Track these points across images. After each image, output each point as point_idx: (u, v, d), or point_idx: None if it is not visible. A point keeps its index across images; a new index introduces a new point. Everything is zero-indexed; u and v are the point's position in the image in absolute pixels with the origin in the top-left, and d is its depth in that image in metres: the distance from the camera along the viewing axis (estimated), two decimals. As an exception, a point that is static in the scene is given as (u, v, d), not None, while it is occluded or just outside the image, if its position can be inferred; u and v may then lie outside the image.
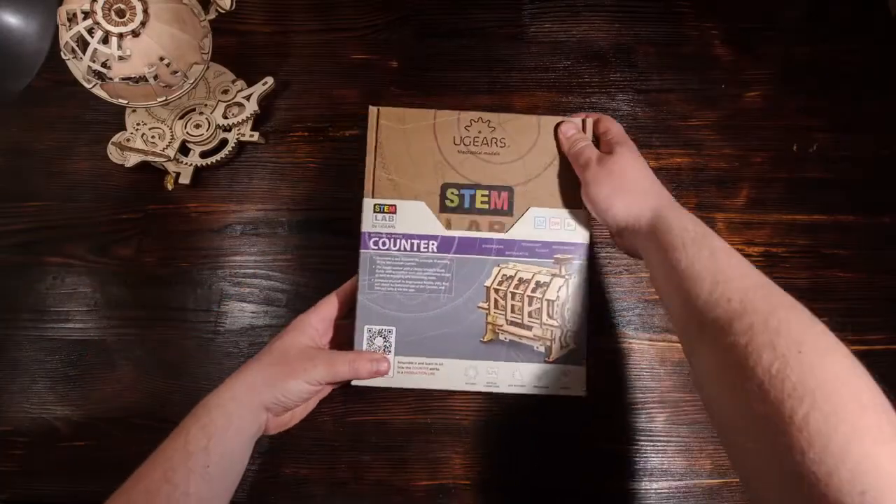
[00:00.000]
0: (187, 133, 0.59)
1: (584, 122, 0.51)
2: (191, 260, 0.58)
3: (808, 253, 0.58)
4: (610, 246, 0.59)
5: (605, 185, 0.46)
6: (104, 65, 0.50)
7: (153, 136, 0.59)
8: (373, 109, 0.50)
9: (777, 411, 0.30)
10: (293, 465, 0.51)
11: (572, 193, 0.49)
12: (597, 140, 0.50)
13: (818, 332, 0.34)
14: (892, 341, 0.55)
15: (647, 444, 0.52)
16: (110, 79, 0.50)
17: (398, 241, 0.48)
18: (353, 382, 0.46)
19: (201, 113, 0.60)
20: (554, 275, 0.49)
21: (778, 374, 0.31)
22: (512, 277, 0.48)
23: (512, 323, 0.48)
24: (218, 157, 0.59)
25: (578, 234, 0.49)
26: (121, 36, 0.48)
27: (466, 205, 0.49)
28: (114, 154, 0.59)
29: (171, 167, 0.59)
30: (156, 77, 0.51)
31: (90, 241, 0.59)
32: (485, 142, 0.50)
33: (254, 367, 0.44)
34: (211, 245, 0.59)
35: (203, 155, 0.60)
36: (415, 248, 0.48)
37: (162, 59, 0.50)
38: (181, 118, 0.60)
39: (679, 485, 0.51)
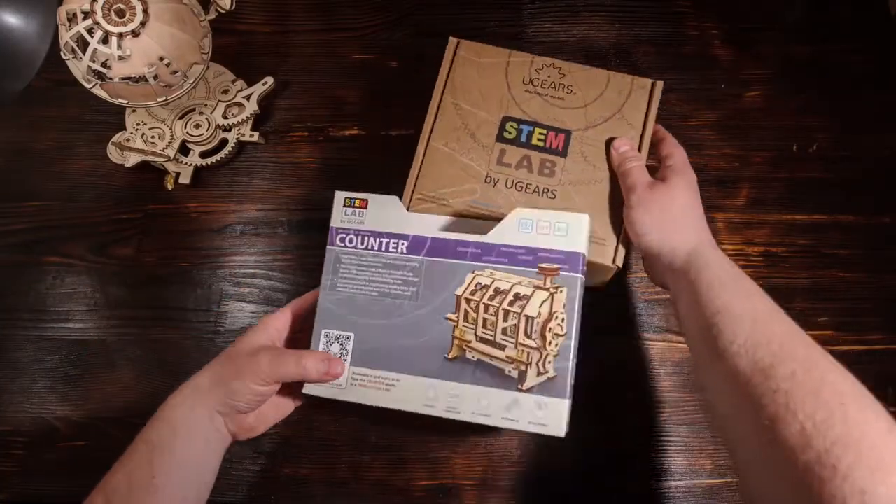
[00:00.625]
0: (187, 133, 0.59)
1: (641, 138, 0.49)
2: (191, 260, 0.58)
3: (808, 253, 0.58)
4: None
5: (649, 212, 0.44)
6: (104, 65, 0.50)
7: (153, 136, 0.59)
8: (452, 40, 0.52)
9: (819, 460, 0.30)
10: (293, 465, 0.51)
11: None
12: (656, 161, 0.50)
13: (858, 386, 0.34)
14: (892, 341, 0.55)
15: (647, 444, 0.52)
16: (110, 79, 0.50)
17: (366, 238, 0.45)
18: (305, 389, 0.43)
19: (201, 113, 0.60)
20: (537, 287, 0.42)
21: (823, 423, 0.31)
22: (487, 287, 0.42)
23: (482, 340, 0.42)
24: (218, 157, 0.60)
25: (572, 242, 0.42)
26: (121, 36, 0.48)
27: (523, 139, 0.49)
28: (114, 154, 0.59)
29: (171, 167, 0.59)
30: (156, 77, 0.51)
31: (90, 240, 0.59)
32: (552, 85, 0.50)
33: (204, 370, 0.43)
34: (211, 245, 0.59)
35: (203, 155, 0.60)
36: (383, 248, 0.44)
37: (162, 59, 0.50)
38: (181, 118, 0.60)
39: (679, 485, 0.51)
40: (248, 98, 0.61)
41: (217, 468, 0.43)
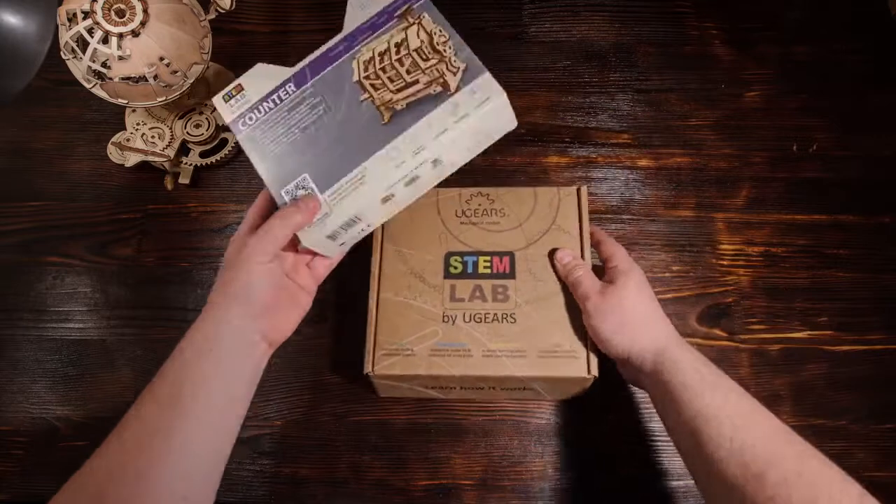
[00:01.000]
0: (187, 133, 0.59)
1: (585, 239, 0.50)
2: (191, 260, 0.58)
3: (808, 253, 0.58)
4: (610, 246, 0.59)
5: (607, 318, 0.44)
6: (104, 65, 0.50)
7: (153, 136, 0.59)
8: None
9: None
10: (293, 465, 0.51)
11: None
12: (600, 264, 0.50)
13: (847, 482, 0.35)
14: (892, 341, 0.55)
15: (647, 443, 0.52)
16: (110, 79, 0.50)
17: (259, 106, 0.46)
18: (302, 244, 0.44)
19: (201, 113, 0.60)
20: (405, 28, 0.46)
21: None
22: (372, 59, 0.46)
23: (399, 90, 0.45)
24: (218, 157, 0.60)
25: None
26: (121, 36, 0.48)
27: (470, 270, 0.50)
28: (114, 154, 0.59)
29: (170, 167, 0.59)
30: (156, 77, 0.51)
31: (90, 240, 0.59)
32: (485, 212, 0.52)
33: (212, 294, 0.41)
34: (211, 245, 0.59)
35: (203, 155, 0.60)
36: (277, 102, 0.46)
37: (162, 59, 0.50)
38: (181, 118, 0.60)
39: (679, 485, 0.51)
40: (248, 98, 0.61)
41: (257, 378, 0.41)
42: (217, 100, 0.47)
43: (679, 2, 0.69)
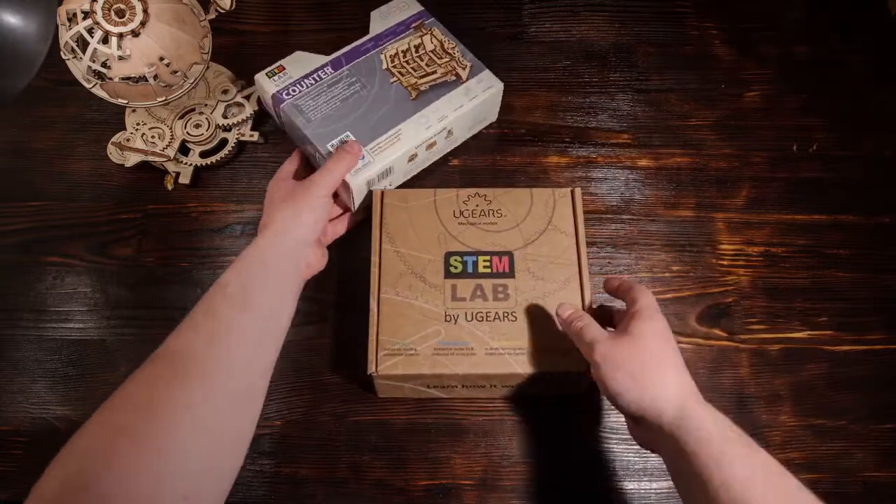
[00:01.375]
0: (187, 133, 0.59)
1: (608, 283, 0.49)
2: (191, 260, 0.58)
3: (808, 253, 0.58)
4: (610, 245, 0.59)
5: (620, 368, 0.40)
6: (104, 65, 0.50)
7: (153, 136, 0.59)
8: (377, 192, 0.53)
9: None
10: (293, 465, 0.51)
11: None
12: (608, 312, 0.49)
13: None
14: (892, 341, 0.55)
15: (647, 444, 0.52)
16: (110, 79, 0.50)
17: (301, 81, 0.57)
18: (353, 186, 0.52)
19: (201, 113, 0.60)
20: (421, 36, 0.60)
21: None
22: (396, 54, 0.59)
23: (422, 76, 0.58)
24: (218, 157, 0.60)
25: (410, 7, 0.61)
26: (121, 36, 0.48)
27: (470, 269, 0.51)
28: (114, 154, 0.59)
29: (171, 167, 0.59)
30: (156, 77, 0.51)
31: (90, 240, 0.59)
32: (482, 213, 0.53)
33: (270, 218, 0.47)
34: (211, 245, 0.59)
35: (203, 155, 0.60)
36: (316, 80, 0.57)
37: (162, 59, 0.50)
38: (181, 118, 0.60)
39: (679, 485, 0.51)
40: (248, 98, 0.61)
41: (296, 300, 0.46)
42: (260, 76, 0.57)
43: (679, 2, 0.69)
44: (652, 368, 0.40)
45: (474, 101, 0.57)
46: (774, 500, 0.34)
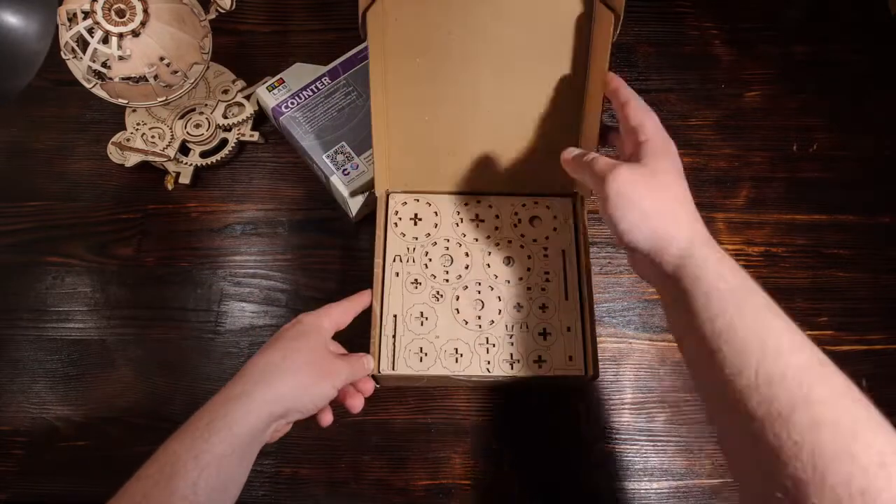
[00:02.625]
0: (187, 133, 0.59)
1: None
2: (191, 260, 0.58)
3: (808, 253, 0.58)
4: (610, 245, 0.59)
5: (632, 205, 0.36)
6: (104, 65, 0.50)
7: (153, 136, 0.59)
8: (382, 194, 0.53)
9: None
10: (293, 465, 0.51)
11: None
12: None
13: (891, 434, 0.28)
14: (892, 341, 0.55)
15: (647, 444, 0.52)
16: (110, 79, 0.50)
17: (300, 94, 0.57)
18: (342, 191, 0.53)
19: (201, 113, 0.60)
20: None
21: (862, 493, 0.25)
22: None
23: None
24: (218, 157, 0.60)
25: None
26: (121, 36, 0.48)
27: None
28: (114, 154, 0.59)
29: (171, 167, 0.59)
30: (156, 77, 0.51)
31: (90, 240, 0.59)
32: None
33: (277, 375, 0.39)
34: (211, 245, 0.59)
35: (203, 155, 0.60)
36: (314, 91, 0.57)
37: (162, 59, 0.50)
38: (181, 118, 0.60)
39: (679, 485, 0.51)
40: (248, 98, 0.61)
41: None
42: (261, 90, 0.58)
43: (679, 2, 0.69)
44: (667, 209, 0.36)
45: None
46: (770, 344, 0.31)
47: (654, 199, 0.36)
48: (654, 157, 0.37)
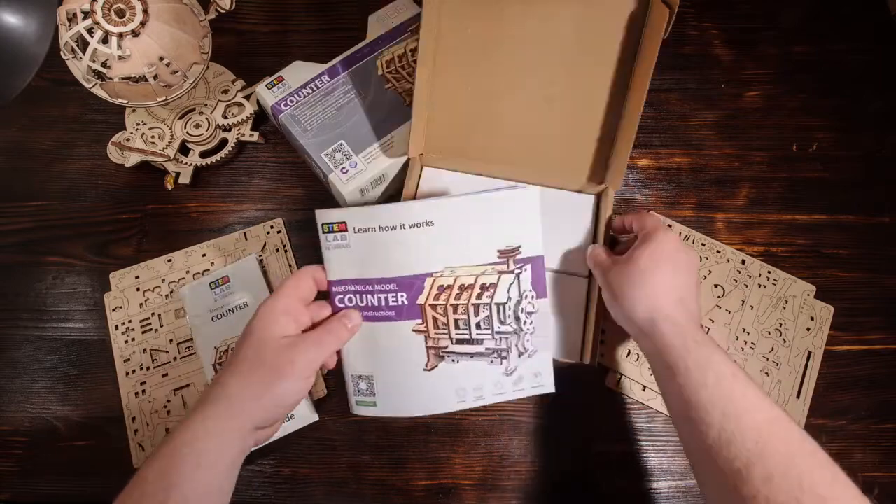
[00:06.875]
0: (187, 133, 0.59)
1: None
2: (191, 260, 0.58)
3: (808, 253, 0.58)
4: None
5: (609, 288, 0.44)
6: (104, 65, 0.50)
7: (153, 136, 0.59)
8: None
9: None
10: (293, 465, 0.51)
11: None
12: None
13: (842, 484, 0.32)
14: (892, 341, 0.55)
15: (647, 444, 0.52)
16: (110, 79, 0.50)
17: (299, 91, 0.57)
18: (342, 189, 0.52)
19: (201, 113, 0.60)
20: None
21: None
22: (392, 59, 0.55)
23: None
24: (218, 156, 0.59)
25: (408, 10, 0.59)
26: (121, 36, 0.48)
27: None
28: (114, 154, 0.59)
29: (170, 167, 0.59)
30: (156, 77, 0.51)
31: (90, 240, 0.59)
32: None
33: (231, 383, 0.37)
34: (211, 245, 0.59)
35: (203, 155, 0.60)
36: (315, 88, 0.57)
37: (162, 59, 0.50)
38: (181, 118, 0.60)
39: (679, 485, 0.51)
40: (248, 98, 0.61)
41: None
42: (261, 88, 0.57)
43: (679, 1, 0.69)
44: (629, 288, 0.42)
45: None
46: (731, 407, 0.35)
47: (619, 282, 0.43)
48: (637, 247, 0.44)
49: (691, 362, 0.38)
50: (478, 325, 0.43)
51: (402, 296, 0.43)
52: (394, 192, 0.59)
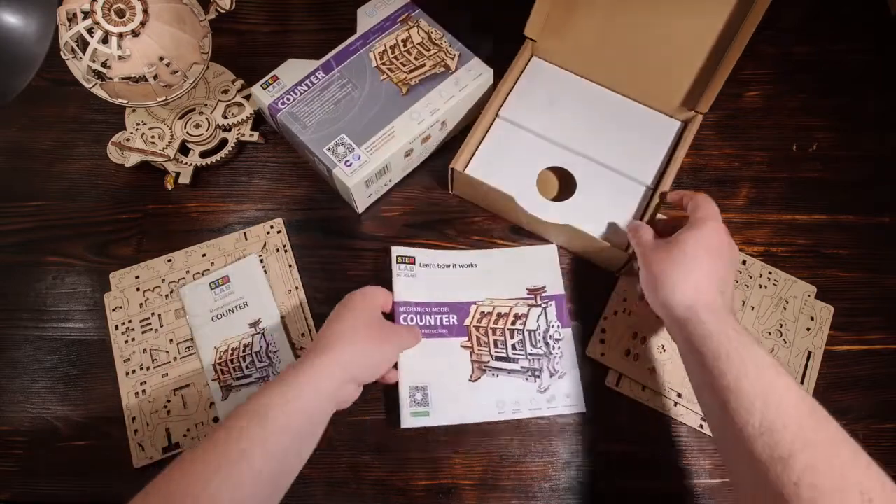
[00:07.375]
0: (187, 133, 0.59)
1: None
2: (191, 260, 0.58)
3: (808, 253, 0.58)
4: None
5: (650, 271, 0.44)
6: (104, 65, 0.50)
7: (153, 136, 0.59)
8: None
9: None
10: (293, 465, 0.51)
11: None
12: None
13: (880, 479, 0.33)
14: (892, 341, 0.55)
15: (647, 443, 0.52)
16: (110, 79, 0.50)
17: (295, 90, 0.57)
18: (346, 181, 0.53)
19: (201, 113, 0.60)
20: (408, 29, 0.59)
21: None
22: (384, 51, 0.58)
23: (411, 71, 0.57)
24: (218, 157, 0.60)
25: (396, 1, 0.60)
26: (121, 36, 0.48)
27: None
28: (114, 154, 0.59)
29: (170, 167, 0.59)
30: (156, 77, 0.51)
31: (90, 240, 0.59)
32: None
33: (335, 341, 0.44)
34: (211, 245, 0.58)
35: (203, 155, 0.60)
36: (310, 85, 0.57)
37: (162, 59, 0.50)
38: (181, 118, 0.60)
39: (679, 484, 0.51)
40: (247, 98, 0.61)
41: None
42: (256, 89, 0.57)
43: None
44: (672, 271, 0.43)
45: (465, 91, 0.57)
46: (772, 398, 0.36)
47: (662, 266, 0.44)
48: (686, 231, 0.45)
49: (733, 351, 0.38)
50: (513, 347, 0.53)
51: (453, 317, 0.54)
52: (401, 181, 0.60)
